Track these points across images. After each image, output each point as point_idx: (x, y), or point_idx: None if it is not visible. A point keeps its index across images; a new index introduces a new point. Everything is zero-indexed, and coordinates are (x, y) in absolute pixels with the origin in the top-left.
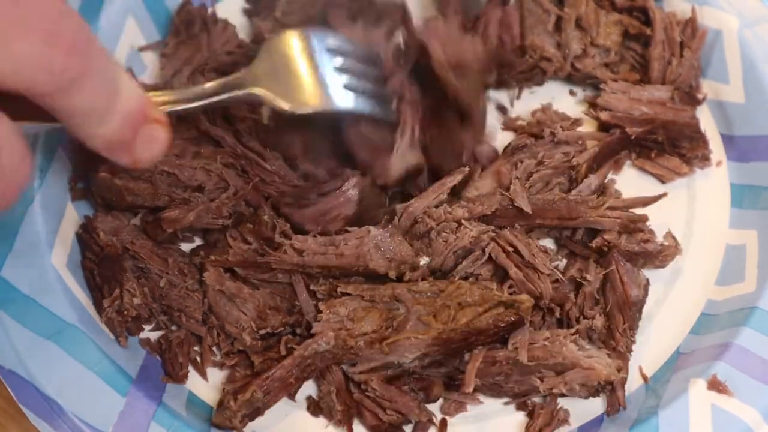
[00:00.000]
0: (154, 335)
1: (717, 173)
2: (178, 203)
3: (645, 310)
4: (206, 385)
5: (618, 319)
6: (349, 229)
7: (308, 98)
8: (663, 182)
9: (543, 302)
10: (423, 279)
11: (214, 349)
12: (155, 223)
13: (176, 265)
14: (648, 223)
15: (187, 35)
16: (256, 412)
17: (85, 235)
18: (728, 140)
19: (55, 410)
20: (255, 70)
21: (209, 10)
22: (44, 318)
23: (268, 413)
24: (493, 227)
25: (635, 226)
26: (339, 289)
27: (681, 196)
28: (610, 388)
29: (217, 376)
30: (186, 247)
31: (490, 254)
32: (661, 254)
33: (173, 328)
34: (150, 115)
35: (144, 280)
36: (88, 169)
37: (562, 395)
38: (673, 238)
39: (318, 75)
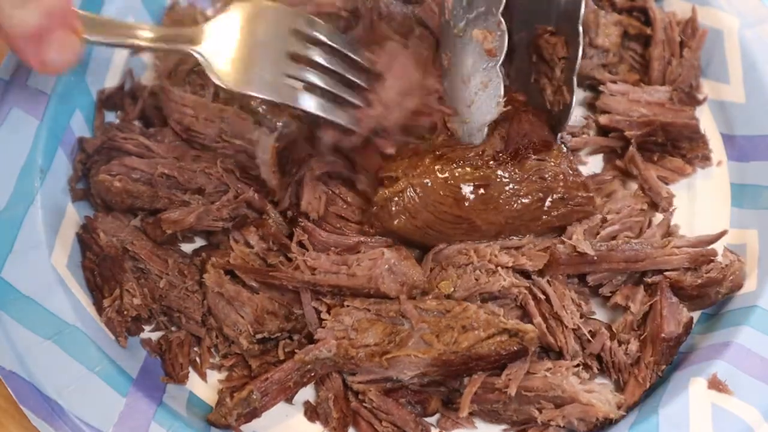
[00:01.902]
0: (154, 336)
1: (717, 173)
2: (178, 205)
3: None
4: (207, 385)
5: (647, 351)
6: (362, 250)
7: (241, 77)
8: (666, 183)
9: (577, 358)
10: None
11: (213, 350)
12: (155, 224)
13: (176, 266)
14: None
15: None
16: (252, 413)
17: (86, 235)
18: (729, 140)
19: (56, 410)
20: (208, 29)
21: (199, 9)
22: (44, 318)
23: (269, 415)
24: (528, 282)
25: (705, 259)
26: (345, 302)
27: (682, 197)
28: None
29: (218, 377)
30: (187, 247)
31: (519, 303)
32: (728, 274)
33: (173, 329)
34: (69, 20)
35: (144, 281)
36: (87, 171)
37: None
38: (731, 252)
39: (264, 56)
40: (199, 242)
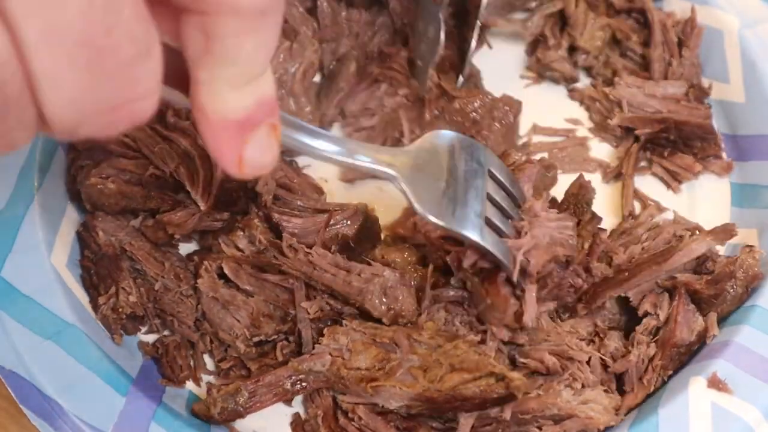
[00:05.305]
0: (152, 338)
1: None
2: (171, 204)
3: None
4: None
5: (657, 354)
6: (372, 263)
7: (439, 211)
8: (677, 180)
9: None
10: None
11: (207, 356)
12: (156, 226)
13: (172, 269)
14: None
15: None
16: (236, 412)
17: (85, 233)
18: (729, 139)
19: (56, 410)
20: (412, 154)
21: None
22: (44, 318)
23: (268, 418)
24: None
25: (728, 235)
26: (344, 322)
27: (682, 195)
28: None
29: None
30: (184, 248)
31: None
32: (736, 266)
33: (166, 332)
34: (274, 118)
35: (141, 281)
36: (77, 175)
37: None
38: (750, 247)
39: (457, 191)
40: (197, 244)
